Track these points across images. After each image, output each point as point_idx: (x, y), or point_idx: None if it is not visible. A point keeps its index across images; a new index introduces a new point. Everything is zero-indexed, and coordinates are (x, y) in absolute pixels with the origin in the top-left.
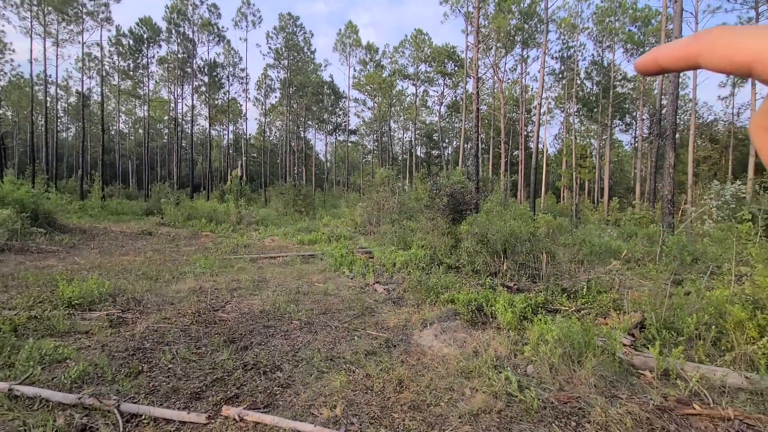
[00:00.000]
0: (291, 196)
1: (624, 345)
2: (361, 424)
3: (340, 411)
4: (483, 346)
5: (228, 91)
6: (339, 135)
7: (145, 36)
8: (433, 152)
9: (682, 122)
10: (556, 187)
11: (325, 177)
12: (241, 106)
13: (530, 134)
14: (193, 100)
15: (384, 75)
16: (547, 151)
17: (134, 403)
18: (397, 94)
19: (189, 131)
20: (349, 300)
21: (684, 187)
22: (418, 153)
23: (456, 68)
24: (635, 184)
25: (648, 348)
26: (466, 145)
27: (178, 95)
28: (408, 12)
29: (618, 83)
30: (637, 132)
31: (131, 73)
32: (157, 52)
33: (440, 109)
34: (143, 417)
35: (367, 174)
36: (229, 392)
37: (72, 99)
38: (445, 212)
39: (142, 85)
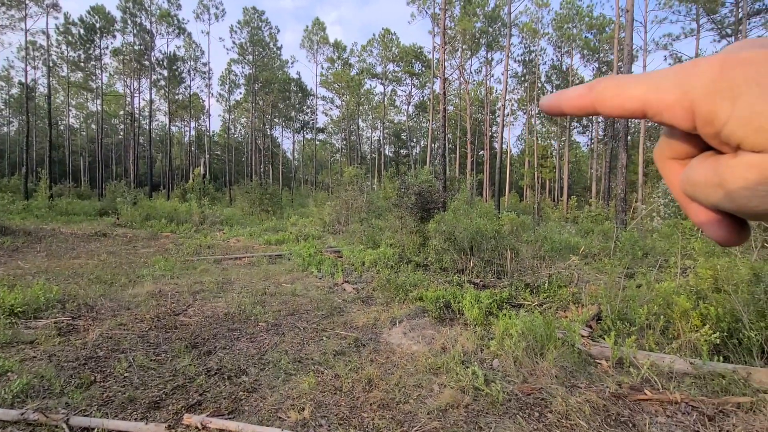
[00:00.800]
0: (257, 195)
1: (582, 336)
2: (329, 426)
3: (308, 413)
4: (451, 342)
5: (189, 86)
6: (306, 133)
7: (97, 25)
8: (402, 151)
9: (633, 125)
10: (520, 186)
11: (292, 176)
12: (203, 101)
13: (495, 135)
14: (151, 94)
15: (352, 73)
16: (510, 152)
17: (85, 416)
18: (365, 92)
19: (147, 127)
20: (318, 300)
21: (635, 186)
22: (387, 152)
23: (423, 68)
24: (592, 184)
25: (604, 338)
26: (433, 145)
27: (134, 89)
28: (376, 11)
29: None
30: (593, 134)
31: (82, 64)
32: (111, 43)
33: (408, 108)
34: (95, 430)
35: (335, 173)
36: (191, 399)
37: (14, 90)
38: (414, 211)
39: (94, 77)
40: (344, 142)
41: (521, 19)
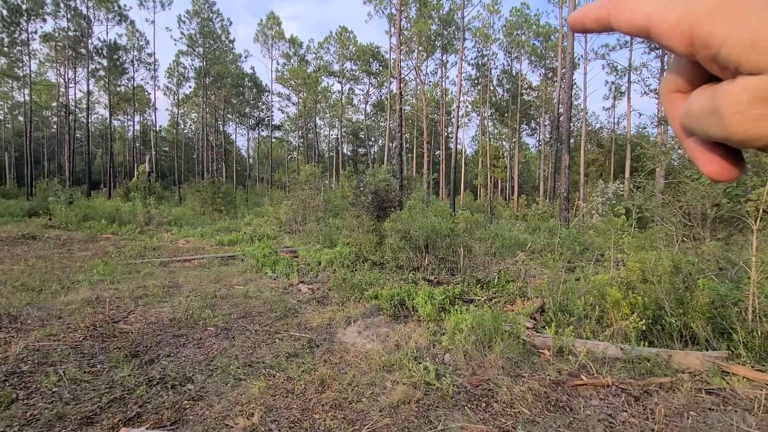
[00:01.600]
0: (209, 194)
1: (527, 328)
2: (280, 430)
3: (257, 419)
4: (404, 339)
5: (133, 78)
6: (262, 130)
7: (24, 7)
8: (360, 150)
9: (575, 129)
10: (474, 185)
11: (247, 174)
12: (149, 94)
13: (450, 135)
14: (88, 85)
15: (309, 70)
16: (465, 152)
17: None
18: (322, 90)
19: (85, 120)
20: (272, 302)
21: (578, 186)
22: (345, 151)
23: (381, 68)
24: (540, 183)
25: (546, 329)
26: (391, 144)
27: (69, 79)
28: (333, 8)
29: (524, 91)
30: (541, 136)
31: (6, 49)
32: (41, 27)
33: (366, 107)
34: None
35: (292, 171)
36: (129, 412)
37: None
38: (370, 210)
39: (21, 64)
40: (302, 140)
41: (474, 24)
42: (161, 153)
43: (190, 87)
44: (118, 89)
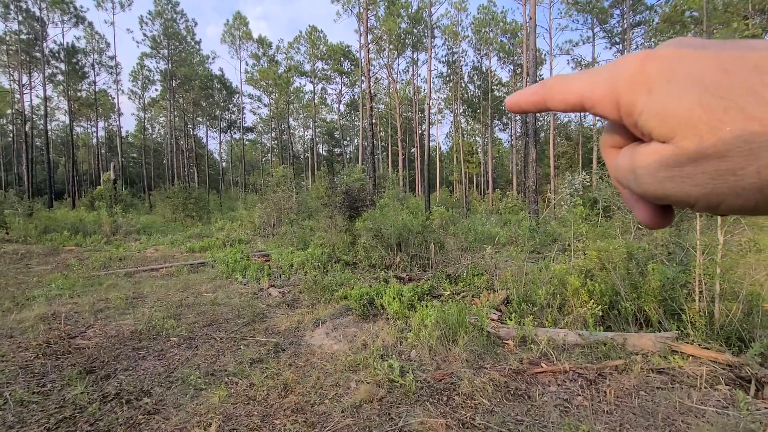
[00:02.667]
0: (180, 200)
1: (492, 320)
2: None
3: (214, 428)
4: (372, 338)
5: (94, 82)
6: (234, 133)
7: None
8: (336, 150)
9: (546, 123)
10: (450, 181)
11: (220, 178)
12: (113, 99)
13: (425, 132)
14: (45, 90)
15: (279, 71)
16: (440, 149)
17: None
18: (294, 91)
19: (44, 128)
20: (240, 307)
21: (549, 178)
22: (321, 151)
23: (352, 67)
24: (513, 177)
25: (512, 320)
26: (365, 143)
27: (24, 84)
28: (303, 7)
29: (495, 87)
30: (512, 131)
31: None
32: None
33: (339, 107)
34: None
35: (267, 173)
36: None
37: None
38: (342, 209)
39: None
40: (275, 142)
41: (443, 22)
42: (129, 159)
43: (156, 90)
44: (79, 94)
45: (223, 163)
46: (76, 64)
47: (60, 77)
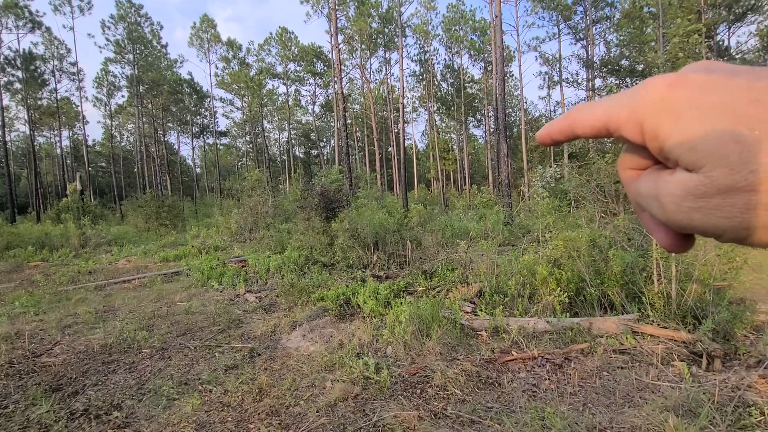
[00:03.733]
0: (153, 209)
1: (466, 312)
2: None
3: None
4: (348, 337)
5: (56, 89)
6: (207, 137)
7: None
8: (313, 151)
9: (518, 118)
10: (427, 178)
11: (195, 184)
12: (77, 107)
13: (401, 131)
14: (2, 99)
15: (251, 73)
16: (416, 147)
17: None
18: (267, 93)
19: (2, 139)
20: (215, 315)
21: (523, 172)
22: (297, 153)
23: (325, 68)
24: (489, 172)
25: (479, 312)
26: (341, 144)
27: None
28: (273, 8)
29: (467, 84)
30: (486, 127)
31: None
32: None
33: (314, 108)
34: None
35: (243, 178)
36: None
37: None
38: (318, 211)
39: None
40: (250, 145)
41: (413, 21)
42: (97, 169)
43: (122, 96)
44: (40, 102)
45: (198, 169)
46: (35, 71)
47: (18, 85)
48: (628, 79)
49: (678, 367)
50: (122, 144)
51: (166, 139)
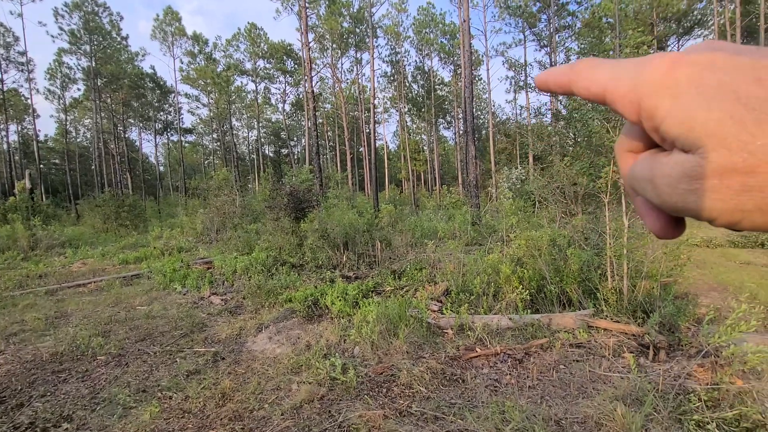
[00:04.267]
0: (112, 208)
1: (433, 311)
2: None
3: None
4: (316, 338)
5: (2, 80)
6: (172, 134)
7: None
8: (283, 150)
9: (486, 120)
10: (398, 179)
11: (158, 183)
12: (26, 99)
13: (372, 131)
14: None
15: (218, 69)
16: (387, 147)
17: None
18: (236, 90)
19: None
20: (177, 319)
21: (491, 173)
22: (267, 152)
23: (296, 66)
24: (458, 173)
25: (450, 310)
26: (311, 143)
27: None
28: (240, 2)
29: (438, 87)
30: (456, 129)
31: None
32: None
33: (284, 106)
34: None
35: (210, 177)
36: None
37: None
38: (287, 211)
39: None
40: (218, 143)
41: (384, 22)
42: (50, 166)
43: (78, 90)
44: None
45: (161, 168)
46: None
47: None
48: None
49: (627, 359)
50: (78, 140)
51: (126, 135)
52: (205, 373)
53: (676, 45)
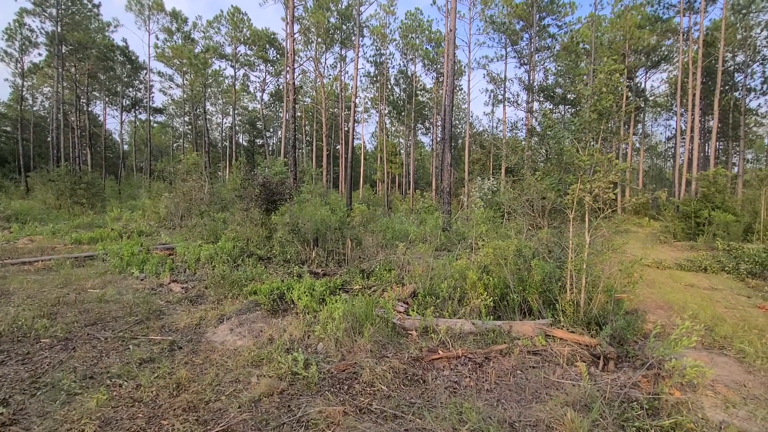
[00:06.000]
0: (67, 184)
1: (399, 312)
2: None
3: None
4: (279, 332)
5: None
6: (140, 113)
7: None
8: (258, 141)
9: (463, 130)
10: (373, 179)
11: (121, 162)
12: None
13: (350, 130)
14: None
15: (196, 50)
16: (365, 147)
17: None
18: (213, 73)
19: None
20: (133, 305)
21: (464, 182)
22: (241, 141)
23: (278, 56)
24: (432, 179)
25: (416, 312)
26: (288, 135)
27: None
28: None
29: (419, 92)
30: (433, 135)
31: None
32: None
33: (263, 96)
34: None
35: (179, 161)
36: None
37: None
38: (259, 202)
39: None
40: (189, 127)
41: (372, 22)
42: (0, 133)
43: (39, 55)
44: None
45: (125, 146)
46: None
47: None
48: (561, 106)
49: (579, 368)
50: (35, 108)
51: (90, 109)
52: (160, 361)
53: (644, 77)
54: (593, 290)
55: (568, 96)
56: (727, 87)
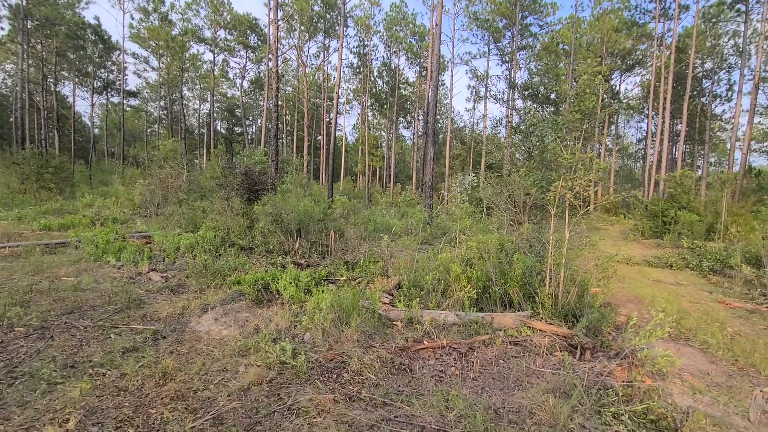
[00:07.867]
0: (33, 168)
1: (384, 303)
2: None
3: (73, 424)
4: (265, 322)
5: None
6: (112, 95)
7: None
8: (237, 129)
9: (445, 125)
10: (354, 172)
11: (91, 146)
12: None
13: (332, 121)
14: None
15: (173, 32)
16: (346, 139)
17: None
18: (191, 57)
19: None
20: (111, 293)
21: (444, 177)
22: (219, 128)
23: (260, 43)
24: (413, 173)
25: (401, 303)
26: (269, 125)
27: None
28: None
29: (402, 86)
30: (415, 130)
31: None
32: None
33: (243, 83)
34: None
35: (153, 146)
36: None
37: None
38: (240, 191)
39: None
40: (165, 112)
41: (356, 13)
42: None
43: (2, 29)
44: None
45: (96, 130)
46: None
47: None
48: (544, 106)
49: (558, 357)
50: None
51: (58, 89)
52: (144, 351)
53: (619, 80)
54: (571, 284)
55: (551, 96)
56: (695, 92)
